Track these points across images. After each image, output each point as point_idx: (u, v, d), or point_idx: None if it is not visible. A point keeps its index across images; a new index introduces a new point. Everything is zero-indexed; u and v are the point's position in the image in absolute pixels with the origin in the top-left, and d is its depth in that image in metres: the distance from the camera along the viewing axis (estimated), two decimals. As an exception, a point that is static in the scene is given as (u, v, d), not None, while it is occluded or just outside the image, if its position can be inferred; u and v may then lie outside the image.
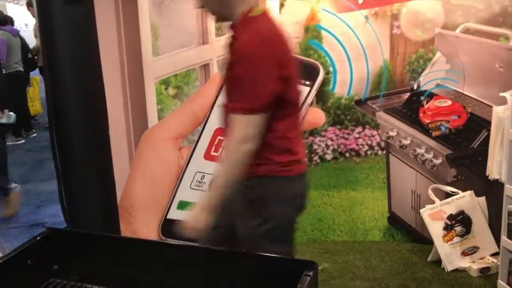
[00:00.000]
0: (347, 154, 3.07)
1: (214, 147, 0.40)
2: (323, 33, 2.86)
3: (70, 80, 0.39)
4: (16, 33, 5.57)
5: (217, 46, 2.66)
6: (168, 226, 0.41)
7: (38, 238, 0.41)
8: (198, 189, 0.40)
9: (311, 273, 0.36)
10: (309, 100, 0.40)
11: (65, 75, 0.39)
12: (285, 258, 0.39)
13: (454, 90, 2.85)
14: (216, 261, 0.41)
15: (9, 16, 5.95)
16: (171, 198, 0.40)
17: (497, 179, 2.39)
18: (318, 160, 3.07)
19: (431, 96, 2.87)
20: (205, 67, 2.70)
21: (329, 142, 3.05)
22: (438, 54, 2.88)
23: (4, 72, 4.41)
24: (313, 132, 2.99)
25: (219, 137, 0.39)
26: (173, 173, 0.40)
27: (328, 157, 3.07)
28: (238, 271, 0.39)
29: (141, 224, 0.40)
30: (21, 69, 5.56)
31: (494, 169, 2.36)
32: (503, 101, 2.27)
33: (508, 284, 2.31)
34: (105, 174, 0.41)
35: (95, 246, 0.42)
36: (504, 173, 2.28)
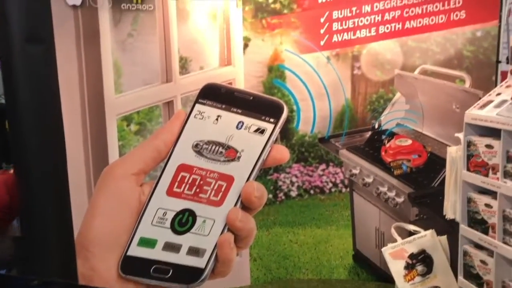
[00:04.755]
0: (312, 191, 3.10)
1: (177, 183, 0.39)
2: (287, 72, 2.94)
3: (28, 116, 0.39)
4: None
5: (181, 84, 2.68)
6: (128, 262, 0.40)
7: None
8: (160, 226, 0.39)
9: None
10: (273, 137, 0.41)
11: (24, 112, 0.39)
12: None
13: (414, 129, 2.94)
14: None
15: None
16: (132, 234, 0.39)
17: (453, 219, 2.44)
18: (283, 197, 3.08)
19: (392, 135, 2.95)
20: (169, 104, 2.71)
21: (294, 179, 3.07)
22: (398, 94, 2.99)
23: None
24: (278, 169, 3.01)
25: (182, 173, 0.39)
26: (133, 209, 0.39)
27: (293, 194, 3.09)
28: None
29: (99, 260, 0.39)
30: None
31: (449, 209, 2.42)
32: (460, 141, 2.35)
33: (468, 323, 2.33)
34: (62, 210, 0.40)
35: None
36: (458, 213, 2.33)
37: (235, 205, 0.45)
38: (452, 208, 2.40)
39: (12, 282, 0.40)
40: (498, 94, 2.26)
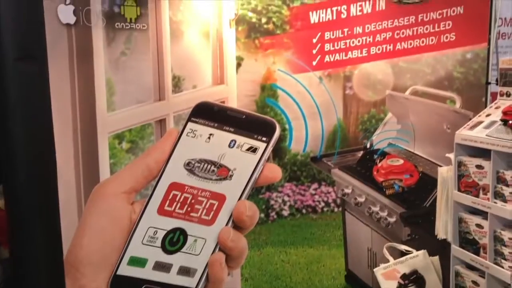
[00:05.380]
0: (304, 211, 3.09)
1: (168, 201, 0.39)
2: (279, 92, 2.95)
3: (18, 135, 0.39)
4: None
5: (174, 102, 2.69)
6: (117, 282, 0.40)
7: None
8: (150, 245, 0.39)
9: None
10: (265, 156, 0.41)
11: (14, 130, 0.39)
12: None
13: (406, 149, 2.96)
14: None
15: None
16: (122, 253, 0.39)
17: (445, 239, 2.45)
18: (275, 216, 3.06)
19: (384, 154, 2.97)
20: (161, 122, 2.71)
21: (286, 198, 3.06)
22: (389, 115, 3.01)
23: None
24: (270, 188, 3.00)
25: (174, 192, 0.39)
26: (124, 228, 0.39)
27: (285, 213, 3.08)
28: None
29: (88, 280, 0.38)
30: None
31: (441, 229, 2.42)
32: (450, 162, 2.37)
33: None
34: (51, 228, 0.40)
35: None
36: (450, 233, 2.34)
37: (227, 224, 0.45)
38: (444, 228, 2.41)
39: None
40: (488, 115, 2.28)
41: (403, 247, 2.79)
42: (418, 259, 2.74)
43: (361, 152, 3.03)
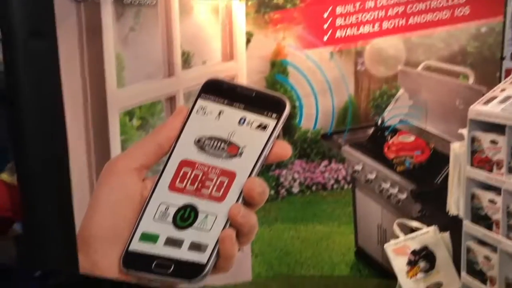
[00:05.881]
0: (314, 188, 3.10)
1: (179, 178, 0.39)
2: (289, 68, 2.93)
3: (30, 112, 0.39)
4: None
5: (183, 78, 2.68)
6: (129, 258, 0.40)
7: None
8: (162, 221, 0.39)
9: None
10: (275, 133, 0.41)
11: (26, 106, 0.39)
12: None
13: (417, 126, 2.94)
14: None
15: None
16: (133, 229, 0.39)
17: (457, 215, 2.45)
18: (285, 193, 3.08)
19: (395, 131, 2.95)
20: (171, 99, 2.71)
21: (296, 175, 3.07)
22: (401, 91, 2.98)
23: None
24: (280, 165, 3.01)
25: (184, 169, 0.39)
26: (135, 204, 0.39)
27: (295, 190, 3.09)
28: None
29: (101, 255, 0.39)
30: None
31: (453, 205, 2.42)
32: (462, 138, 2.35)
33: (471, 320, 2.34)
34: (64, 205, 0.40)
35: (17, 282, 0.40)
36: (462, 209, 2.34)
37: (237, 201, 0.45)
38: (456, 204, 2.41)
39: (15, 274, 0.41)
40: (503, 90, 2.25)
41: (414, 224, 2.80)
42: (428, 235, 2.75)
43: (372, 129, 3.01)
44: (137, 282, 0.44)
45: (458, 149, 2.37)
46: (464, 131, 2.31)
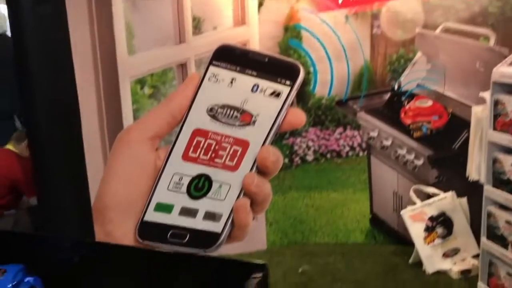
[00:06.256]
0: (328, 155, 3.10)
1: (192, 148, 0.39)
2: (303, 32, 2.88)
3: (40, 80, 0.38)
4: None
5: (194, 45, 2.66)
6: (145, 228, 0.41)
7: None
8: (176, 191, 0.40)
9: (260, 275, 0.36)
10: (289, 101, 0.40)
11: (35, 75, 0.39)
12: (232, 260, 0.38)
13: (435, 90, 2.90)
14: (158, 263, 0.40)
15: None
16: (148, 199, 0.40)
17: (477, 180, 2.43)
18: (299, 162, 3.09)
19: (412, 96, 2.91)
20: (183, 66, 2.70)
21: (310, 143, 3.07)
22: (419, 54, 2.93)
23: None
24: (294, 133, 3.00)
25: (197, 138, 0.39)
26: (149, 174, 0.40)
27: (309, 158, 3.09)
28: (183, 275, 0.39)
29: (116, 226, 0.40)
30: None
31: (474, 170, 2.40)
32: (483, 102, 2.31)
33: (488, 286, 2.35)
34: (78, 175, 0.41)
35: (44, 248, 0.41)
36: (483, 174, 2.32)
37: (251, 170, 0.45)
38: (477, 169, 2.39)
39: (43, 243, 0.42)
40: (526, 51, 2.19)
41: (430, 190, 2.80)
42: (446, 201, 2.75)
43: (389, 94, 2.98)
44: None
45: (480, 113, 2.33)
46: (486, 94, 2.27)
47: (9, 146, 2.89)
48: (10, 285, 0.39)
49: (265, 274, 0.36)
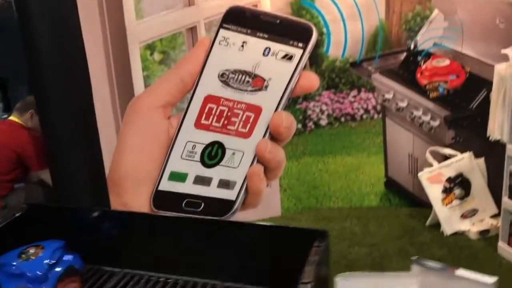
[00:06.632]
0: (342, 119, 3.08)
1: (204, 115, 0.39)
2: (316, -9, 2.82)
3: (47, 47, 0.38)
4: None
5: (204, 7, 2.62)
6: (160, 197, 0.42)
7: (18, 215, 0.41)
8: (189, 159, 0.40)
9: (323, 244, 0.36)
10: (302, 64, 0.40)
11: (44, 44, 0.38)
12: (293, 228, 0.39)
13: (453, 49, 2.84)
14: (216, 232, 0.41)
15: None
16: (162, 169, 0.40)
17: (497, 140, 2.41)
18: (313, 126, 3.08)
19: (428, 55, 2.86)
20: (192, 30, 2.67)
21: (324, 107, 3.05)
22: (436, 11, 2.86)
23: None
24: (307, 97, 2.98)
25: (209, 105, 0.39)
26: (162, 143, 0.40)
27: (323, 122, 3.08)
28: (241, 243, 0.39)
29: (131, 196, 0.41)
30: None
31: (496, 129, 2.38)
32: (504, 59, 2.27)
33: (509, 245, 2.36)
34: (91, 145, 0.41)
35: (81, 221, 0.42)
36: (506, 133, 2.29)
37: (264, 136, 0.45)
38: (499, 128, 2.36)
39: (72, 213, 0.42)
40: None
41: (447, 151, 2.78)
42: (463, 162, 2.74)
43: (404, 54, 2.93)
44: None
45: (503, 71, 2.29)
46: (508, 51, 2.22)
47: (13, 118, 2.82)
48: (47, 263, 0.37)
49: (327, 242, 0.36)
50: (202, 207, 0.45)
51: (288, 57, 0.45)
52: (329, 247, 0.37)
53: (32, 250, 0.38)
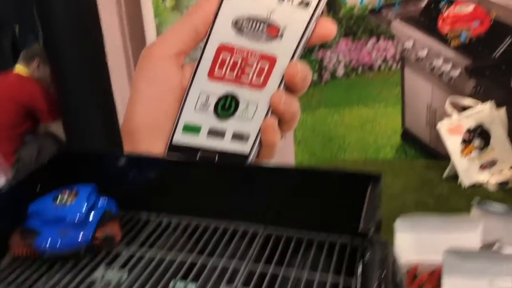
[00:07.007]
0: (360, 69, 3.03)
1: (218, 65, 0.39)
2: None
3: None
4: None
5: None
6: (174, 150, 0.42)
7: (48, 161, 0.41)
8: (203, 111, 0.39)
9: (377, 188, 0.36)
10: (319, 11, 0.38)
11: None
12: (348, 172, 0.39)
13: (477, -7, 2.74)
14: (261, 177, 0.41)
15: None
16: (176, 120, 0.40)
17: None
18: (329, 77, 3.04)
19: (451, 1, 2.77)
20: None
21: (341, 57, 3.00)
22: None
23: None
24: (324, 46, 2.93)
25: (223, 55, 0.38)
26: (176, 93, 0.39)
27: (340, 73, 3.04)
28: (296, 188, 0.40)
29: (146, 146, 0.41)
30: None
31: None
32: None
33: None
34: (104, 96, 0.41)
35: (112, 166, 0.42)
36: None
37: (278, 87, 0.44)
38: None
39: (100, 157, 0.43)
40: None
41: (467, 101, 2.74)
42: (484, 112, 2.70)
43: (426, 1, 2.84)
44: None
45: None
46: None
47: (19, 68, 2.76)
48: (86, 206, 0.37)
49: (381, 186, 0.36)
50: (216, 160, 0.45)
51: (304, 4, 0.44)
52: (381, 190, 0.37)
53: (66, 195, 0.38)
